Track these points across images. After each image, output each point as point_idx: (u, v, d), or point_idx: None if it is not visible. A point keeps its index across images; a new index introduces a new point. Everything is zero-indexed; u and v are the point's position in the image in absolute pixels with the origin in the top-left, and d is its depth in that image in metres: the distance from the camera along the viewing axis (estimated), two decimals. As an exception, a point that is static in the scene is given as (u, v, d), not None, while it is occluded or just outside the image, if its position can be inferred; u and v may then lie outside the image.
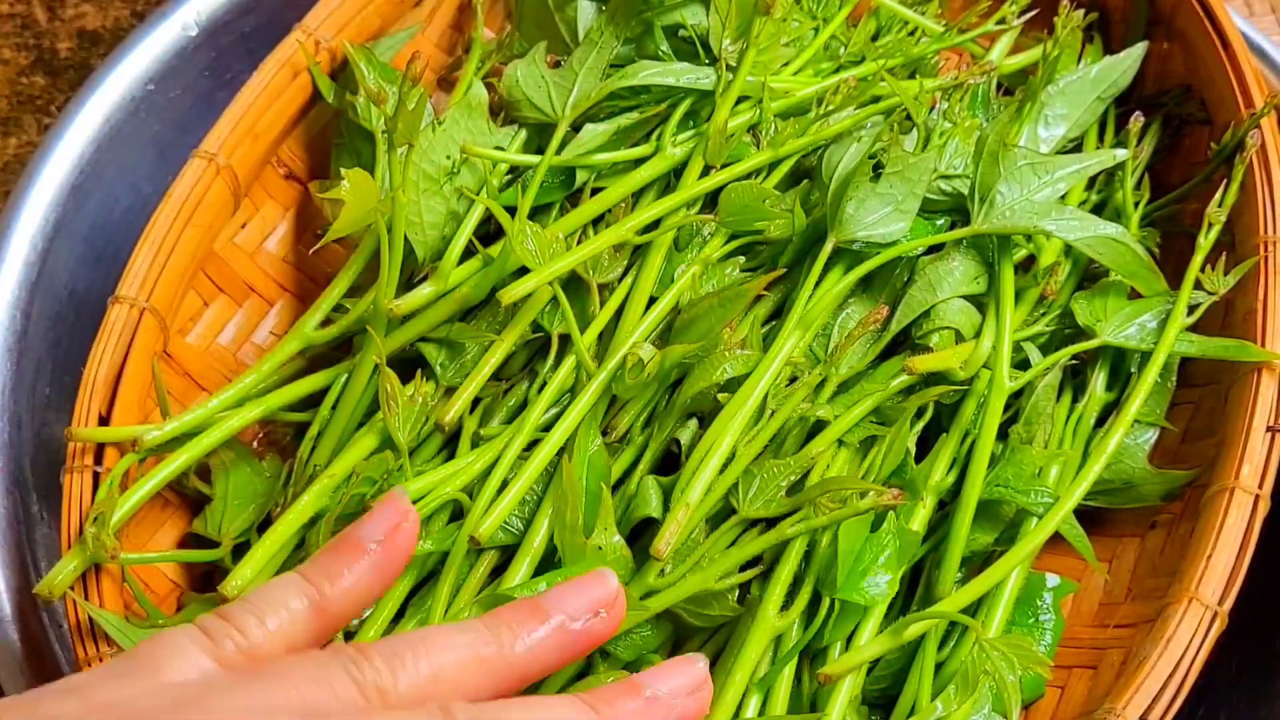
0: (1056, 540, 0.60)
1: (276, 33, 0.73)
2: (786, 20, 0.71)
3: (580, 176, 0.68)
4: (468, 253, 0.65)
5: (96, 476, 0.59)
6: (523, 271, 0.63)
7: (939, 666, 0.58)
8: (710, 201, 0.67)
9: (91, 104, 0.78)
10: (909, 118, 0.67)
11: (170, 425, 0.61)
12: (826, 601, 0.56)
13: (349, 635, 0.59)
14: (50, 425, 0.70)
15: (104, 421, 0.61)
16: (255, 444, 0.70)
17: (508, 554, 0.60)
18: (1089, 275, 0.70)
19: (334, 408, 0.64)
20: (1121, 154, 0.69)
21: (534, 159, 0.67)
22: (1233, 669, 0.65)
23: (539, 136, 0.70)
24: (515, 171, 0.69)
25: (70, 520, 0.58)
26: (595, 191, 0.68)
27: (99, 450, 0.60)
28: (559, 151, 0.67)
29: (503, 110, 0.75)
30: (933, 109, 0.69)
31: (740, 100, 0.68)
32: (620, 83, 0.67)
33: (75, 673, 0.60)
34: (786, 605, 0.57)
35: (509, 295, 0.60)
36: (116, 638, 0.56)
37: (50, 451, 0.69)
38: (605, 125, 0.68)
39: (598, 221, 0.67)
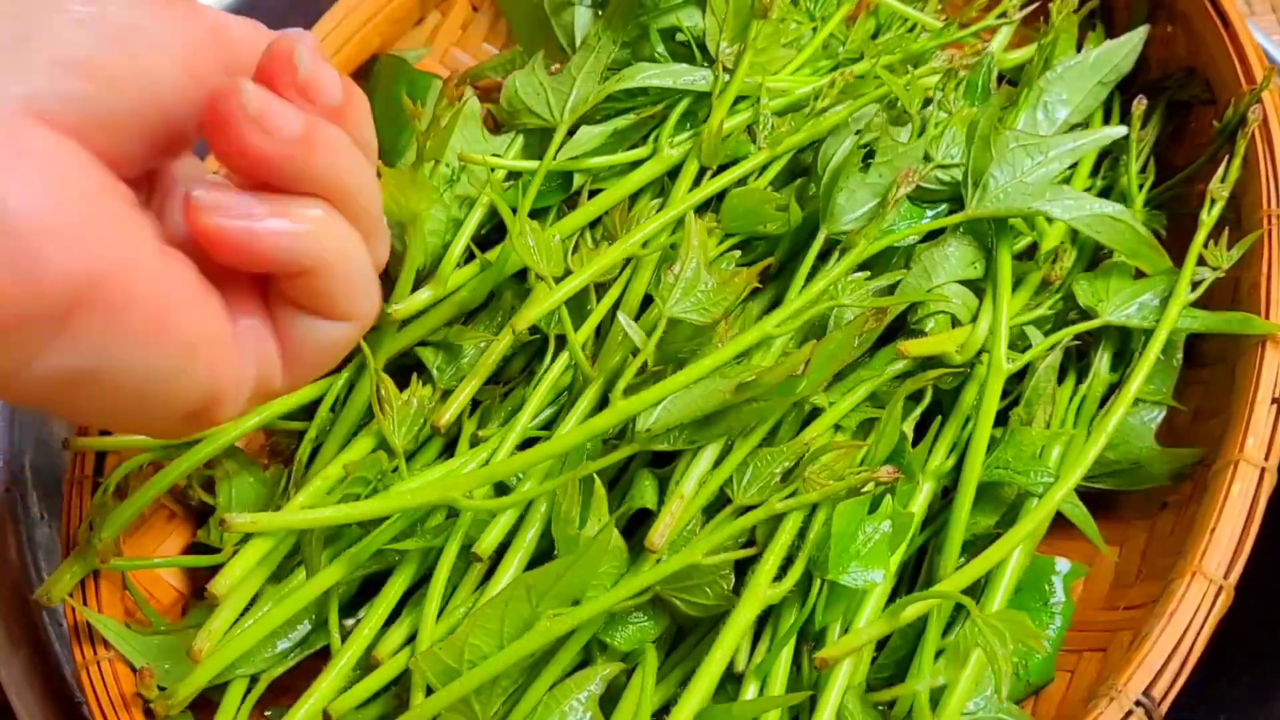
0: (1067, 526, 0.59)
1: (277, 33, 0.74)
2: (785, 21, 0.71)
3: (577, 180, 0.69)
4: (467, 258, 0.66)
5: (98, 483, 0.60)
6: (521, 274, 0.64)
7: (941, 653, 0.57)
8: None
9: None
10: (906, 110, 0.67)
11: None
12: (818, 582, 0.56)
13: (346, 633, 0.59)
14: (51, 425, 0.70)
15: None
16: (260, 455, 0.71)
17: (500, 552, 0.59)
18: (1096, 261, 0.70)
19: (333, 410, 0.64)
20: (1117, 131, 0.68)
21: (531, 164, 0.67)
22: (1236, 666, 0.63)
23: (537, 144, 0.70)
24: (513, 178, 0.69)
25: (70, 527, 0.58)
26: (593, 193, 0.68)
27: (99, 457, 0.61)
28: (557, 154, 0.67)
29: (502, 124, 0.76)
30: (930, 101, 0.69)
31: (738, 100, 0.68)
32: (618, 85, 0.68)
33: (75, 674, 0.61)
34: (779, 581, 0.56)
35: (522, 321, 0.60)
36: (114, 642, 0.56)
37: (50, 451, 0.69)
38: (601, 127, 0.69)
39: (595, 223, 0.67)
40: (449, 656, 0.53)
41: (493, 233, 0.68)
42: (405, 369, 0.66)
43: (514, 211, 0.63)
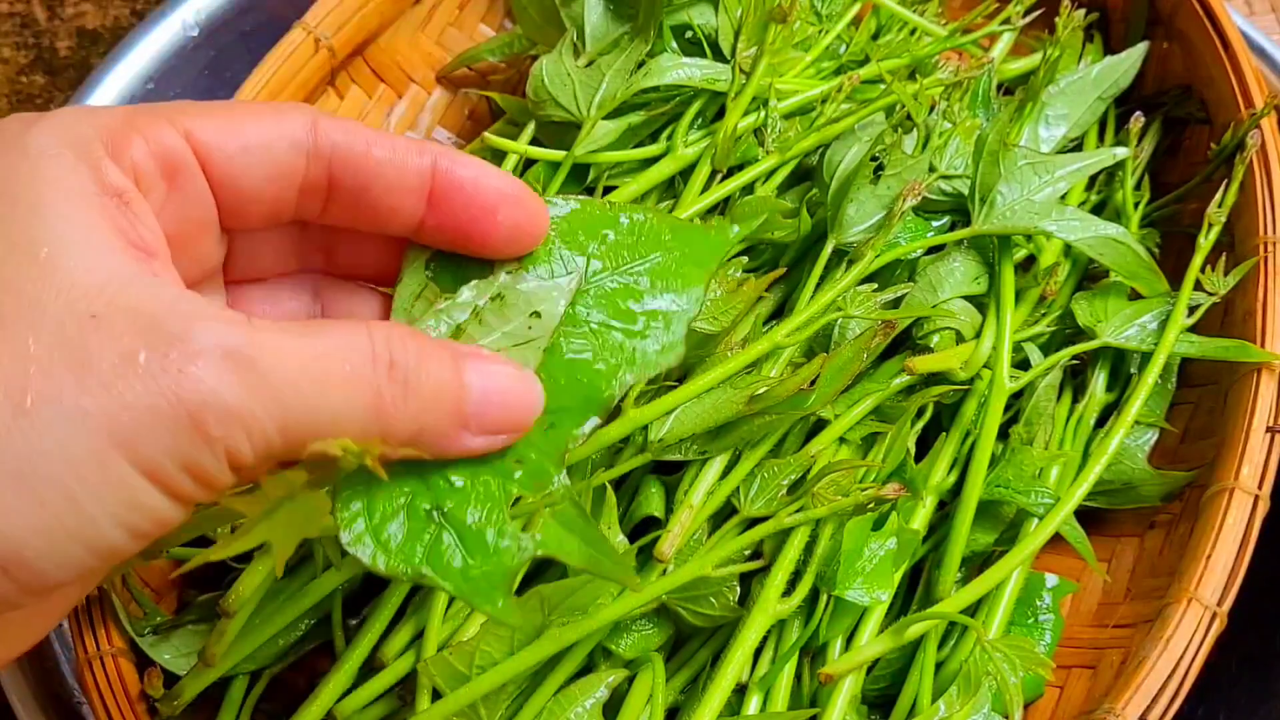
0: (1056, 540, 0.60)
1: (276, 32, 0.73)
2: (800, 25, 0.71)
3: (592, 176, 0.68)
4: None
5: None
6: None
7: (938, 666, 0.58)
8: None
9: (91, 103, 0.78)
10: (910, 118, 0.67)
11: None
12: (824, 597, 0.57)
13: (350, 633, 0.59)
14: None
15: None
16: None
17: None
18: (1089, 275, 0.71)
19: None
20: (1122, 152, 0.69)
21: (558, 154, 0.67)
22: (1233, 667, 0.65)
23: (547, 137, 0.70)
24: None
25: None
26: (606, 190, 0.68)
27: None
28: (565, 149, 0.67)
29: (502, 114, 0.75)
30: (933, 109, 0.69)
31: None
32: (646, 81, 0.67)
33: (75, 673, 0.61)
34: (787, 595, 0.57)
35: None
36: (124, 621, 0.56)
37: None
38: (615, 123, 0.68)
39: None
40: (459, 662, 0.53)
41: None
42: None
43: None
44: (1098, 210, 0.72)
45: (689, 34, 0.71)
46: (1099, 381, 0.65)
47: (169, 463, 0.31)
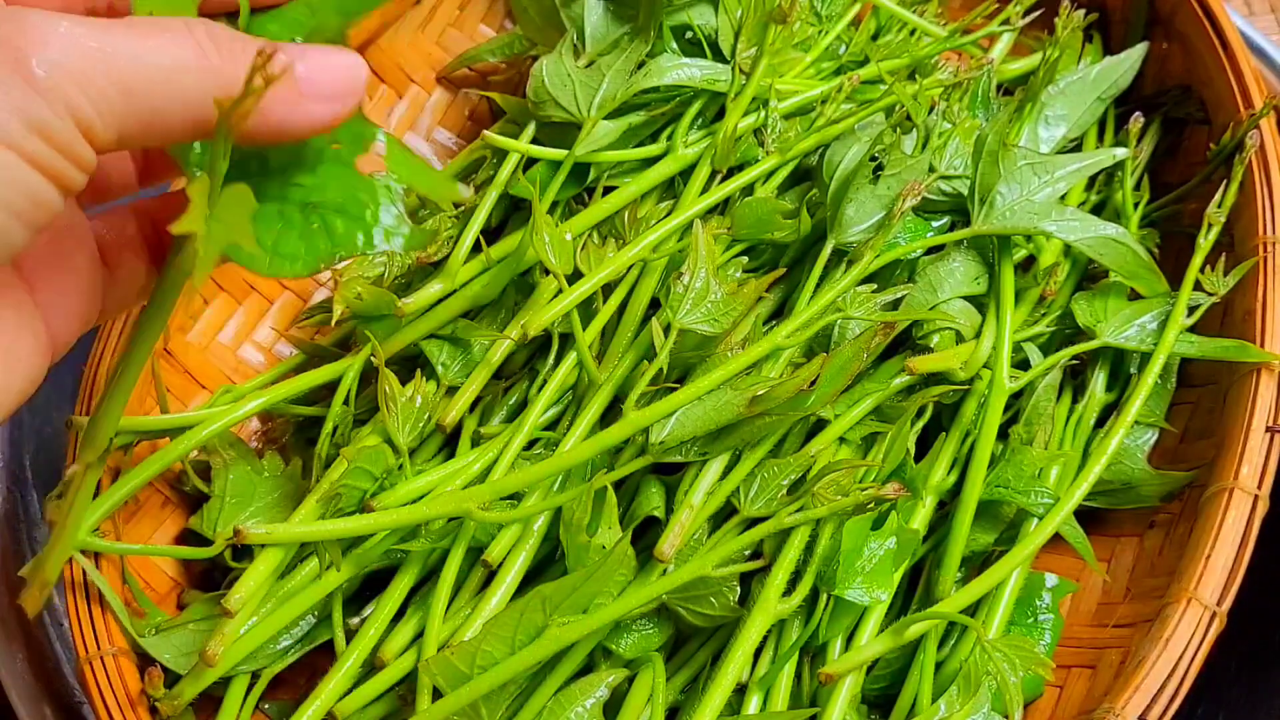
0: (1055, 540, 0.60)
1: (277, 32, 0.73)
2: (799, 26, 0.71)
3: (592, 175, 0.68)
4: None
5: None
6: (528, 271, 0.64)
7: (938, 666, 0.58)
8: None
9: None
10: (909, 118, 0.67)
11: (171, 417, 0.60)
12: (824, 597, 0.57)
13: (350, 633, 0.59)
14: (51, 423, 0.69)
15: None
16: (254, 441, 0.70)
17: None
18: (1089, 275, 0.71)
19: (346, 403, 0.63)
20: (1121, 152, 0.69)
21: (559, 153, 0.67)
22: (1232, 667, 0.65)
23: (547, 137, 0.69)
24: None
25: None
26: (606, 190, 0.68)
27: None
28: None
29: (502, 114, 0.75)
30: (933, 110, 0.69)
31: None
32: (646, 81, 0.67)
33: (76, 673, 0.60)
34: (787, 595, 0.57)
35: (535, 326, 0.60)
36: (120, 617, 0.56)
37: (51, 449, 0.69)
38: (616, 123, 0.68)
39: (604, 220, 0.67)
40: (461, 661, 0.53)
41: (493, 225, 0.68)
42: (404, 361, 0.66)
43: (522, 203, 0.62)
44: (1098, 210, 0.72)
45: (689, 34, 0.71)
46: (1099, 381, 0.65)
47: (16, 124, 0.31)
